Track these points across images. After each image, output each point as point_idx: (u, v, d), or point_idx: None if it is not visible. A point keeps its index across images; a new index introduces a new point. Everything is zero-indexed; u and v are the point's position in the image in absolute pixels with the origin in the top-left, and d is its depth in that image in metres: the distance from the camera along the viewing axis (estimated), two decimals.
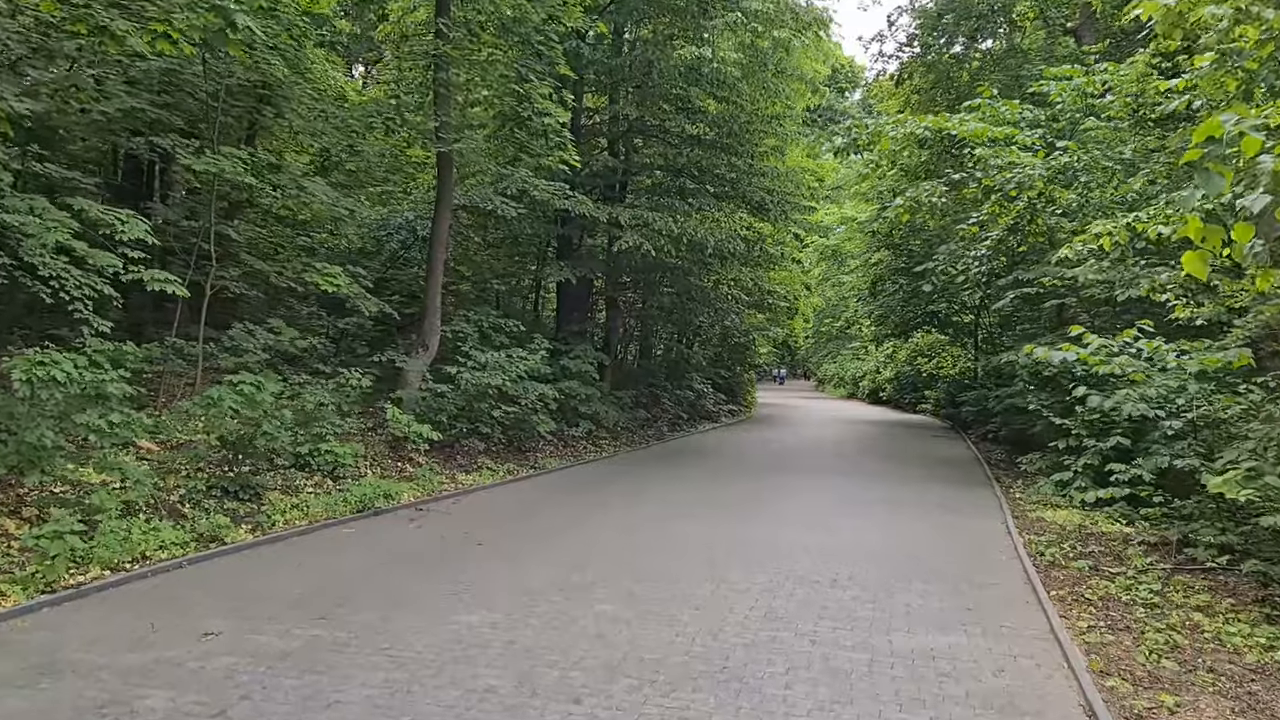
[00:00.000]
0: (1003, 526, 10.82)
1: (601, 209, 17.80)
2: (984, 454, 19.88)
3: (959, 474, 16.22)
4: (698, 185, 20.43)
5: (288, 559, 8.13)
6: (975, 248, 13.51)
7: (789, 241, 32.95)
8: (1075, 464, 11.92)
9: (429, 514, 10.68)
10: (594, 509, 11.24)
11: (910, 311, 30.57)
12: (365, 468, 12.18)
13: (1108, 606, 6.99)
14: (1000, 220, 13.23)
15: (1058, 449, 12.48)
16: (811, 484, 14.48)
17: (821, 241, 40.05)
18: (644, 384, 24.93)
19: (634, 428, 21.71)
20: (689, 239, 18.10)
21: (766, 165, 20.91)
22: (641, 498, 12.38)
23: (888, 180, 27.23)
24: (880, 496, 13.26)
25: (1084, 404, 11.26)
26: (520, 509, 11.27)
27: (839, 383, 53.43)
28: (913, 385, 38.02)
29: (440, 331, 15.28)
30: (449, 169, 15.09)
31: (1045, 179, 12.54)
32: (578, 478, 14.60)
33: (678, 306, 21.62)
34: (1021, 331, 24.70)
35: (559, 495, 12.51)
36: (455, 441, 14.48)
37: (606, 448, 18.68)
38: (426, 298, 15.27)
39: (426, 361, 15.02)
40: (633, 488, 13.29)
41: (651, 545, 9.01)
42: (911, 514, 11.61)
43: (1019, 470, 15.96)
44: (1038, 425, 13.92)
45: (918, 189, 13.43)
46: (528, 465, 15.06)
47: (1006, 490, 13.92)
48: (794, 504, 12.29)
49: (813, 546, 9.29)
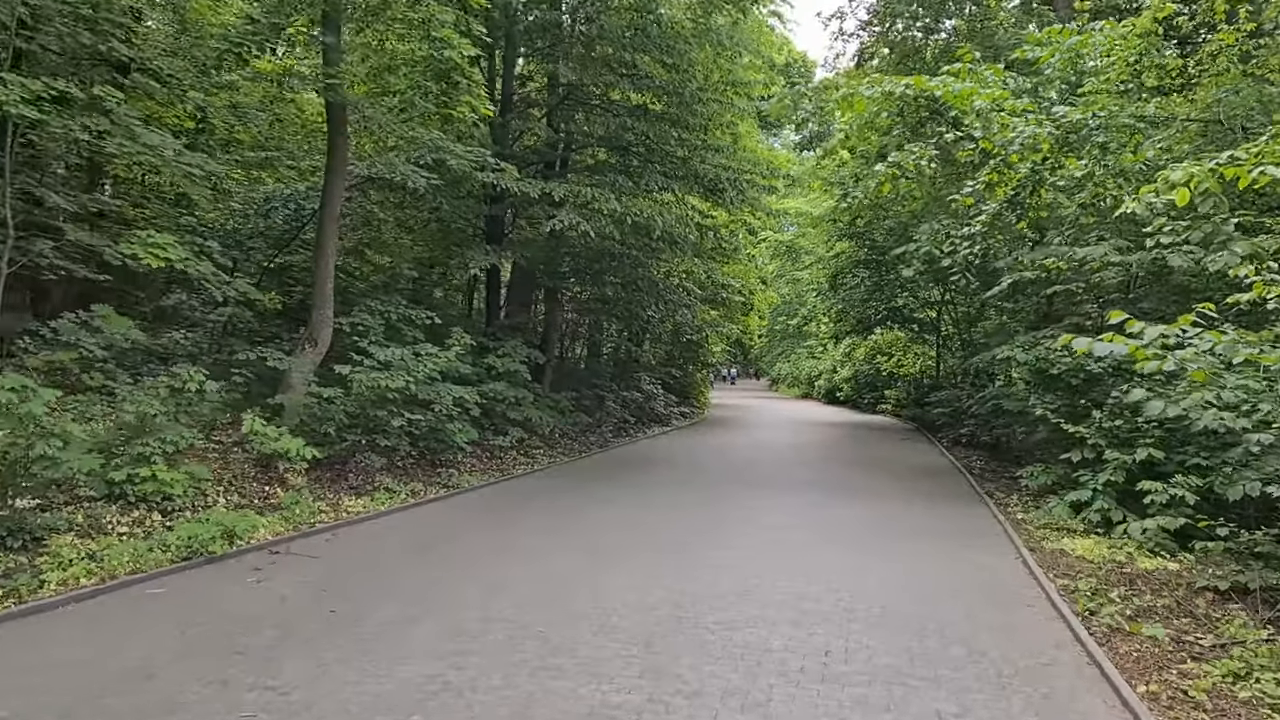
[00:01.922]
0: (1018, 563, 8.67)
1: (533, 185, 15.37)
2: (962, 461, 17.90)
3: (942, 487, 14.15)
4: (644, 163, 18.12)
5: (25, 645, 5.58)
6: (968, 224, 11.39)
7: (743, 235, 30.91)
8: (1093, 480, 9.86)
9: (285, 559, 8.15)
10: (500, 553, 8.79)
11: (871, 307, 28.73)
12: (217, 495, 9.59)
13: (1226, 712, 4.82)
14: (998, 191, 11.15)
15: (1070, 462, 10.42)
16: (775, 503, 12.24)
17: (776, 237, 38.12)
18: (587, 385, 22.55)
19: (574, 434, 19.32)
20: (634, 220, 15.75)
21: (721, 141, 18.66)
22: (565, 532, 9.99)
23: (850, 166, 25.35)
24: (858, 517, 11.08)
25: (1125, 411, 9.21)
26: (407, 548, 8.80)
27: (793, 382, 51.65)
28: (872, 384, 36.25)
29: (333, 324, 12.70)
30: (341, 126, 12.52)
31: (1055, 139, 10.47)
32: (496, 500, 12.15)
33: (623, 299, 19.26)
34: (996, 326, 22.95)
35: (465, 526, 10.06)
36: (348, 457, 11.93)
37: (540, 458, 16.26)
38: (315, 284, 12.69)
39: (315, 360, 12.43)
40: (555, 519, 10.89)
41: (567, 614, 6.62)
42: (902, 544, 9.43)
43: (1013, 482, 13.94)
44: (1039, 432, 11.87)
45: (903, 154, 11.27)
46: (439, 483, 12.57)
47: (1003, 508, 11.86)
48: (757, 534, 10.03)
49: (788, 602, 7.01)
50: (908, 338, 32.43)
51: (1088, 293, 11.93)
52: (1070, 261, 11.14)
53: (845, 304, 29.03)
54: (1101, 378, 10.79)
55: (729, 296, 29.99)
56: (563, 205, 15.53)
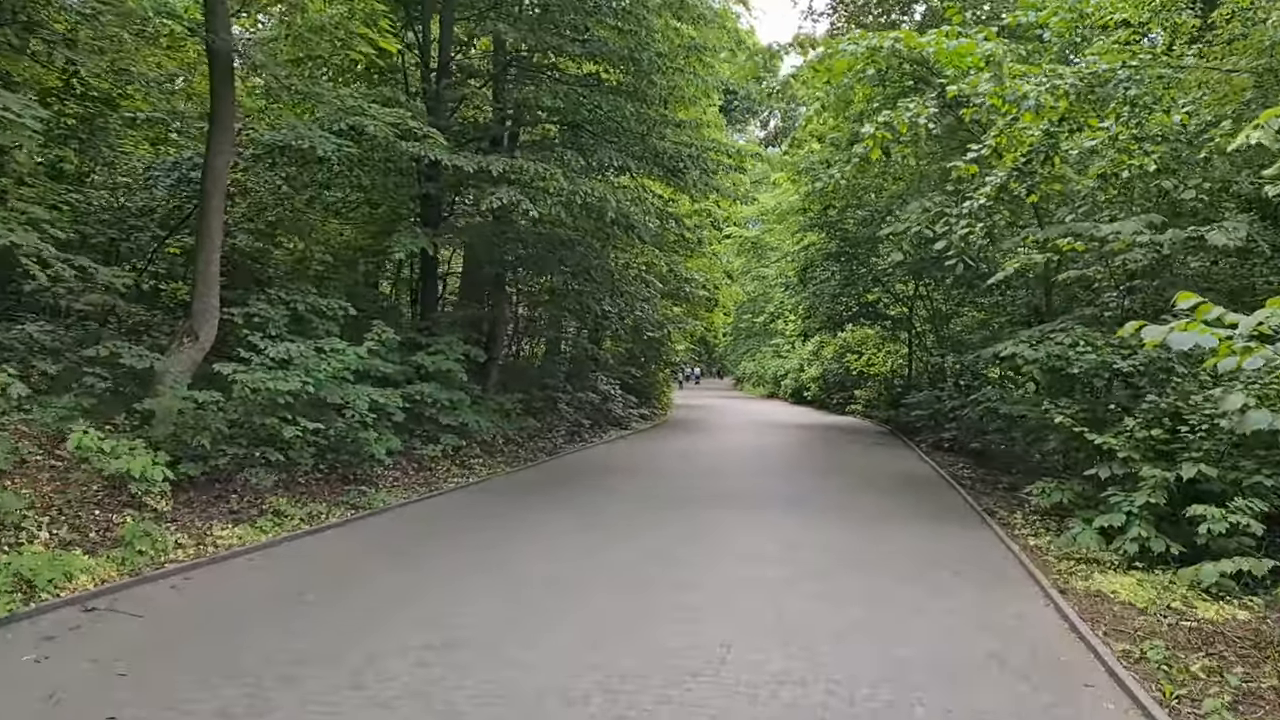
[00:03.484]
0: (1050, 611, 6.92)
1: (468, 158, 13.39)
2: (947, 469, 16.26)
3: (932, 502, 12.44)
4: (597, 139, 16.22)
5: None
6: (970, 197, 9.66)
7: (708, 228, 29.11)
8: (1128, 502, 8.16)
9: (100, 619, 6.13)
10: (392, 608, 6.84)
11: (842, 302, 27.10)
12: (39, 529, 7.50)
13: None
14: (1006, 158, 9.43)
15: (1097, 478, 8.71)
16: (746, 524, 10.42)
17: (741, 233, 36.42)
18: (539, 386, 20.59)
19: (521, 440, 17.36)
20: (585, 201, 13.82)
21: (683, 115, 16.79)
22: (486, 570, 8.08)
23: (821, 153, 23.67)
24: (843, 545, 9.29)
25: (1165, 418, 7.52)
26: (269, 599, 6.82)
27: (758, 381, 50.07)
28: (841, 384, 34.68)
29: (219, 314, 10.62)
30: (226, 76, 10.45)
31: (1076, 93, 8.78)
32: (412, 523, 10.17)
33: (574, 290, 17.32)
34: (976, 322, 21.42)
35: (359, 563, 8.07)
36: (231, 475, 9.88)
37: (478, 469, 14.29)
38: (197, 266, 10.60)
39: (195, 357, 10.35)
40: (477, 552, 8.96)
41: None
42: (900, 585, 7.65)
43: (1010, 496, 12.30)
44: (1048, 440, 10.19)
45: (897, 111, 9.50)
46: (347, 503, 10.55)
47: (1008, 529, 10.17)
48: (728, 567, 8.19)
49: (764, 690, 5.17)
50: (879, 335, 30.90)
51: (1109, 278, 10.28)
52: (1091, 241, 9.47)
53: (814, 299, 27.36)
54: (1132, 378, 9.12)
55: (692, 291, 28.25)
56: (502, 182, 13.59)
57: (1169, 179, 9.67)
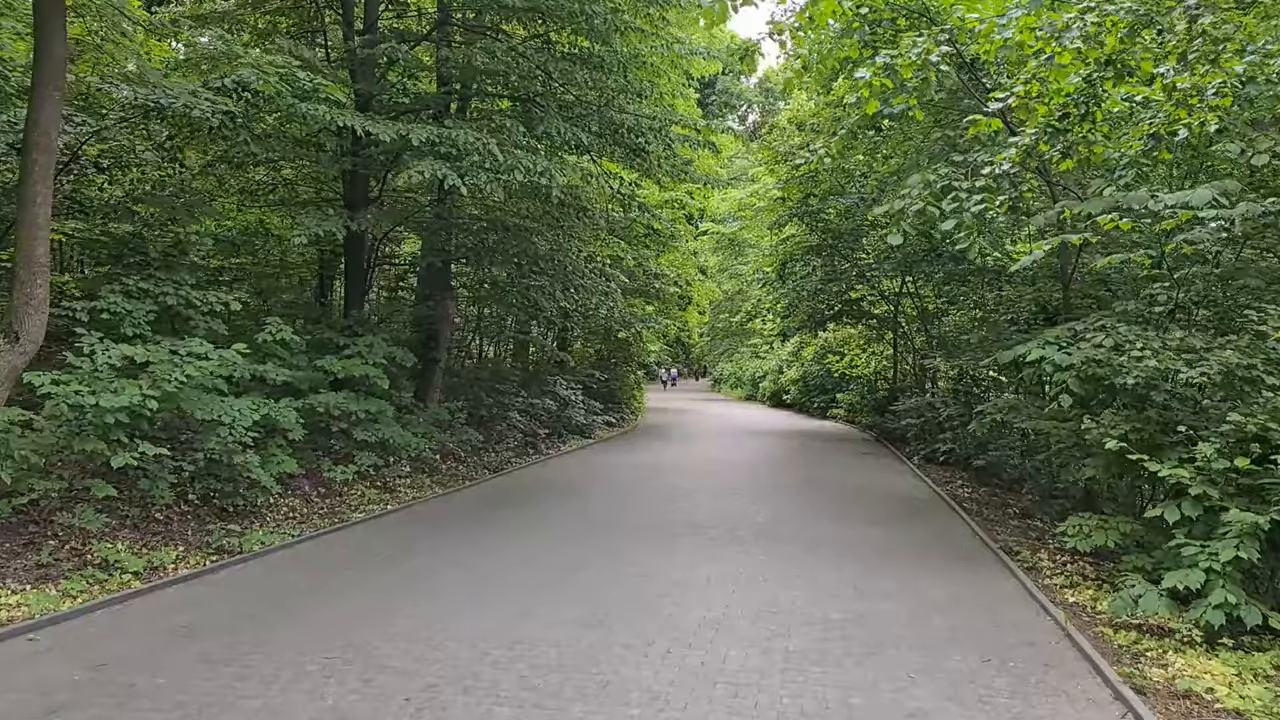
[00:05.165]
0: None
1: (382, 125, 11.26)
2: (944, 488, 14.32)
3: (936, 535, 10.44)
4: (545, 110, 14.10)
5: None
6: (990, 162, 7.65)
7: (682, 224, 27.09)
8: (1208, 556, 6.17)
9: None
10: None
11: (823, 300, 25.16)
12: None
13: None
14: (1038, 110, 7.44)
15: (1162, 521, 6.72)
16: (716, 576, 8.34)
17: (718, 229, 34.42)
18: (490, 392, 18.46)
19: (462, 455, 15.22)
20: (525, 175, 11.69)
21: (645, 79, 14.68)
22: (356, 657, 5.96)
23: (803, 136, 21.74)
24: (836, 611, 7.23)
25: (1253, 443, 5.55)
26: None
27: (736, 383, 48.11)
28: (822, 387, 32.74)
29: (47, 308, 8.41)
30: (55, 15, 8.25)
31: (1129, 26, 6.82)
32: (287, 572, 8.00)
33: (518, 283, 15.19)
34: (971, 320, 19.49)
35: (175, 652, 5.91)
36: (49, 515, 7.69)
37: (401, 493, 12.16)
38: (18, 247, 8.38)
39: (17, 363, 8.13)
40: (353, 627, 6.84)
41: None
42: (919, 689, 5.62)
43: (1024, 525, 10.38)
44: (1085, 467, 8.21)
45: (900, 46, 7.49)
46: (209, 547, 8.38)
47: (1034, 574, 8.19)
48: (668, 665, 6.13)
49: None
50: (863, 336, 29.01)
51: (1156, 266, 8.30)
52: (1141, 217, 7.49)
53: (794, 295, 25.40)
54: (1204, 390, 7.16)
55: (663, 288, 26.20)
56: (426, 154, 11.47)
57: (1235, 140, 7.74)
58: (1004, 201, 8.06)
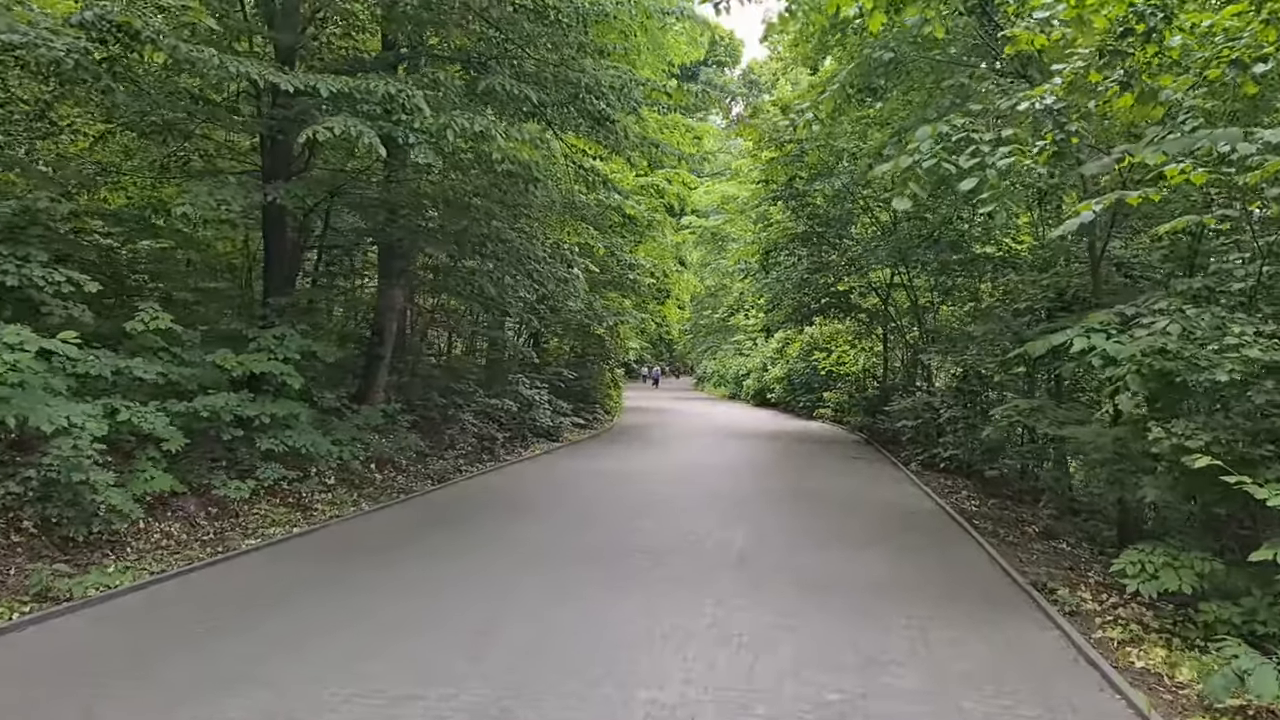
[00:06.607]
0: None
1: (283, 75, 9.38)
2: (948, 499, 12.61)
3: (950, 565, 8.67)
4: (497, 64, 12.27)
5: None
6: (1029, 98, 5.90)
7: (660, 210, 25.27)
8: None
9: None
10: None
11: (808, 292, 23.45)
12: None
13: None
14: (1094, 24, 5.69)
15: (1274, 565, 4.97)
16: (661, 639, 6.56)
17: (700, 223, 32.72)
18: (443, 392, 16.60)
19: (403, 464, 13.38)
20: (459, 133, 9.82)
21: (607, 36, 12.83)
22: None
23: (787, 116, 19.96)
24: (839, 699, 5.48)
25: None
26: None
27: (719, 381, 46.38)
28: (808, 385, 31.02)
29: None
30: None
31: None
32: (124, 627, 6.10)
33: (463, 268, 13.32)
34: (971, 312, 17.77)
35: None
36: None
37: (318, 510, 10.31)
38: None
39: None
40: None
41: None
42: None
43: (1050, 548, 8.66)
44: (1143, 487, 6.46)
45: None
46: (24, 593, 6.50)
47: (1084, 623, 6.45)
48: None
49: None
50: (851, 331, 27.32)
51: (1238, 230, 6.57)
52: (1222, 167, 5.75)
53: (778, 288, 23.68)
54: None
55: (638, 279, 24.36)
56: (340, 110, 9.64)
57: None
58: (1044, 149, 6.30)
